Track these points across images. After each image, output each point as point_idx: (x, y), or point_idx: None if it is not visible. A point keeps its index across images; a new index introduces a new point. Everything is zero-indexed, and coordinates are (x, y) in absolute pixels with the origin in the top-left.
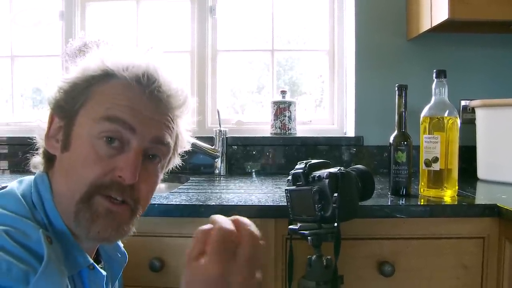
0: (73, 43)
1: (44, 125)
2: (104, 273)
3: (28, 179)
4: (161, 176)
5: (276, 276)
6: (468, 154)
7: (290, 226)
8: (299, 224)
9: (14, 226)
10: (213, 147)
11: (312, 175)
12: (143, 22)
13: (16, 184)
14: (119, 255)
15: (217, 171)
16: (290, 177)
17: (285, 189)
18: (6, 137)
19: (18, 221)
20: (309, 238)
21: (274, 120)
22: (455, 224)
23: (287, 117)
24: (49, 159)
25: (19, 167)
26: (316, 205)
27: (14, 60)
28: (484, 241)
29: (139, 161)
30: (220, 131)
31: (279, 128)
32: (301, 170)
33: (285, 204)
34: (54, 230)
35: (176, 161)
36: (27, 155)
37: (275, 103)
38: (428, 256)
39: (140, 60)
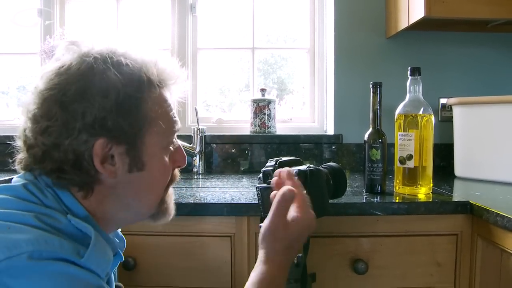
0: (51, 41)
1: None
2: (123, 257)
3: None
4: None
5: (249, 273)
6: (446, 152)
7: (261, 224)
8: None
9: (41, 212)
10: (191, 145)
11: None
12: (123, 19)
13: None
14: (117, 240)
15: (195, 170)
16: (261, 175)
17: (256, 187)
18: None
19: (43, 209)
20: None
21: (253, 118)
22: (429, 221)
23: (266, 115)
24: (87, 184)
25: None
26: None
27: None
28: (457, 238)
29: None
30: (198, 129)
31: (259, 126)
32: (271, 168)
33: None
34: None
35: None
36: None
37: (255, 101)
38: (401, 253)
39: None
